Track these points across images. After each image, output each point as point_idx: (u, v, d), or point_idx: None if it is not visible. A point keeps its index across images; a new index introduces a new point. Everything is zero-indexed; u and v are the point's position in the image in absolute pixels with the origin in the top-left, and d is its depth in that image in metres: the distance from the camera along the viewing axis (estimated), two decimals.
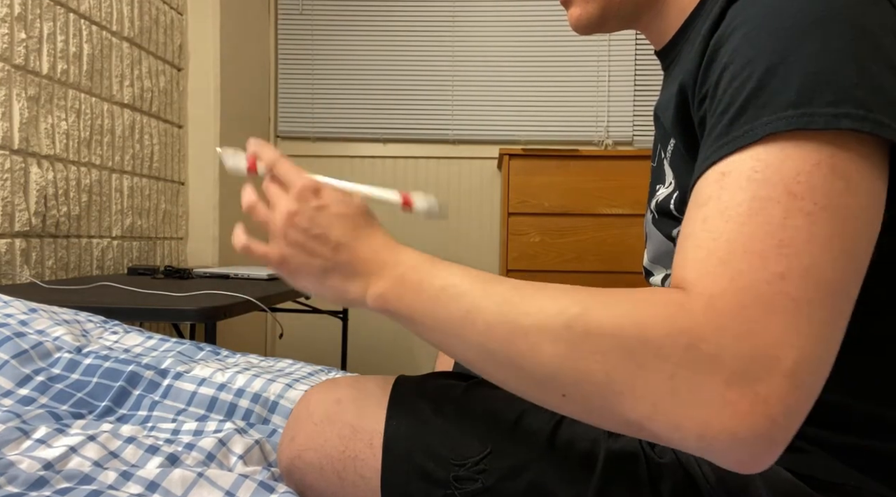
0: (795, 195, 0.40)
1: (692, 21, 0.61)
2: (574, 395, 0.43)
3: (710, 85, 0.47)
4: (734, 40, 0.46)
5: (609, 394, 0.41)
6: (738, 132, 0.43)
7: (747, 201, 0.41)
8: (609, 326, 0.41)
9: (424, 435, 0.60)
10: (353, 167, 2.95)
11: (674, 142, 0.59)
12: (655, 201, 0.65)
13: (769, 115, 0.42)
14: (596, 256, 2.38)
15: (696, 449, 0.40)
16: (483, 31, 2.88)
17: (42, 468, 0.64)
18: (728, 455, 0.39)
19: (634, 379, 0.40)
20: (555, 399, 0.44)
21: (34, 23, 1.59)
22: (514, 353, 0.44)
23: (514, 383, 0.47)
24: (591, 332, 0.41)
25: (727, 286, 0.39)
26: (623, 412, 0.41)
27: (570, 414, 0.45)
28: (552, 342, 0.43)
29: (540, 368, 0.43)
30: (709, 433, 0.38)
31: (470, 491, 0.57)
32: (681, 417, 0.39)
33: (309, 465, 0.63)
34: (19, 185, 1.54)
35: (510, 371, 0.46)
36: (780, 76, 0.42)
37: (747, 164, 0.42)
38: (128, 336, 1.06)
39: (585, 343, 0.41)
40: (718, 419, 0.38)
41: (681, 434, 0.39)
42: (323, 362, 1.43)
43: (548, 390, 0.44)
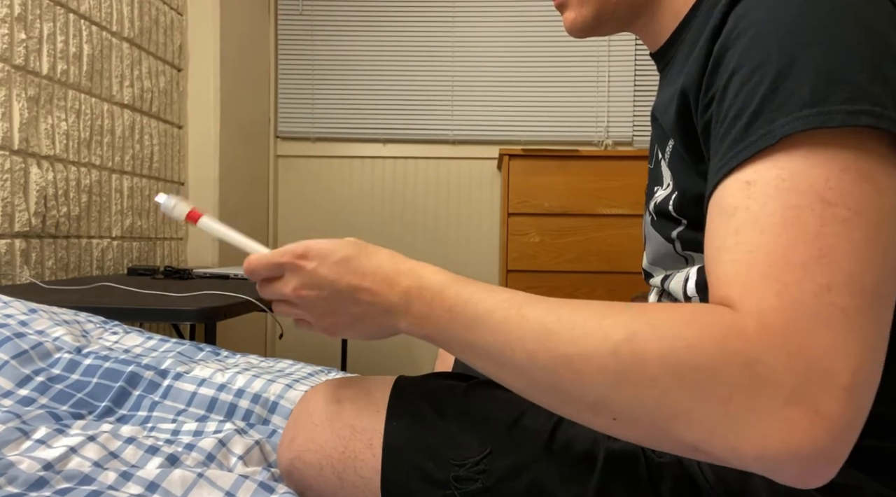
0: (829, 202, 0.39)
1: (687, 23, 0.61)
2: (625, 419, 0.42)
3: (717, 89, 0.47)
4: (741, 45, 0.46)
5: (662, 419, 0.40)
6: (754, 137, 0.43)
7: (780, 211, 0.40)
8: (658, 352, 0.40)
9: (424, 435, 0.60)
10: (352, 167, 2.95)
11: (672, 143, 0.59)
12: (654, 203, 0.65)
13: (785, 117, 0.41)
14: (596, 256, 2.38)
15: (754, 467, 0.39)
16: (483, 31, 2.88)
17: (42, 468, 0.64)
18: (788, 472, 0.39)
19: (688, 404, 0.39)
20: (605, 422, 0.43)
21: (34, 23, 1.59)
22: (559, 382, 0.44)
23: (561, 408, 0.46)
24: (639, 359, 0.40)
25: (775, 303, 0.39)
26: (677, 436, 0.40)
27: (622, 437, 0.44)
28: (599, 372, 0.42)
29: (588, 396, 0.43)
30: (768, 453, 0.38)
31: (470, 491, 0.57)
32: (738, 439, 0.39)
33: (309, 466, 0.63)
34: (19, 185, 1.54)
35: (556, 397, 0.45)
36: (793, 78, 0.42)
37: (772, 173, 0.41)
38: (128, 336, 1.06)
39: (634, 370, 0.41)
40: (778, 438, 0.38)
41: (738, 455, 0.39)
42: (323, 362, 1.42)
43: (598, 415, 0.43)
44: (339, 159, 2.95)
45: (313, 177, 2.96)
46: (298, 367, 1.06)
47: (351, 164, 2.95)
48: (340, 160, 2.95)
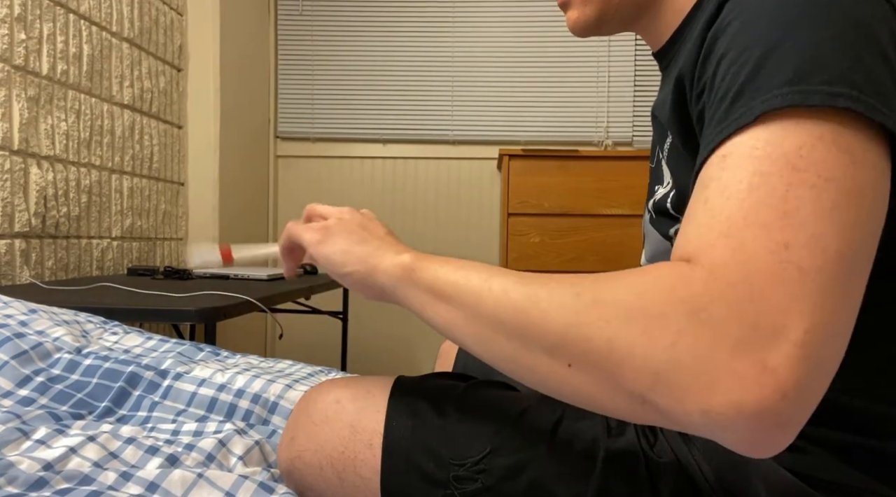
0: (798, 168, 0.39)
1: (689, 22, 0.61)
2: (579, 364, 0.42)
3: (708, 76, 0.48)
4: (731, 31, 0.46)
5: (611, 362, 0.40)
6: (735, 115, 0.43)
7: (747, 178, 0.40)
8: (613, 295, 0.42)
9: (424, 435, 0.60)
10: (352, 167, 2.95)
11: (670, 139, 0.59)
12: (653, 201, 0.65)
13: (764, 94, 0.42)
14: (596, 257, 2.38)
15: (701, 425, 0.38)
16: (483, 32, 2.88)
17: (42, 469, 0.64)
18: (735, 432, 0.37)
19: (634, 346, 0.39)
20: (561, 369, 0.44)
21: (34, 23, 1.59)
22: (525, 322, 0.45)
23: (521, 355, 0.46)
24: (597, 301, 0.42)
25: (729, 257, 0.39)
26: (626, 382, 0.40)
27: (576, 392, 0.44)
28: (560, 309, 0.43)
29: (548, 335, 0.44)
30: (714, 406, 0.37)
31: (469, 491, 0.57)
32: (684, 389, 0.38)
33: (308, 466, 0.63)
34: (19, 185, 1.54)
35: (519, 341, 0.46)
36: (776, 60, 0.42)
37: (747, 144, 0.42)
38: (128, 337, 1.06)
39: (591, 310, 0.42)
40: (724, 390, 0.36)
41: (684, 407, 0.38)
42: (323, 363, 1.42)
43: (555, 359, 0.44)
44: (339, 159, 2.95)
45: (313, 177, 2.96)
46: (298, 368, 1.06)
47: (351, 164, 2.95)
48: (340, 160, 2.95)
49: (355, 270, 0.60)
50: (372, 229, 0.64)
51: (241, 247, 0.73)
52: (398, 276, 0.57)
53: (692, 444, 0.57)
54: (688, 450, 0.57)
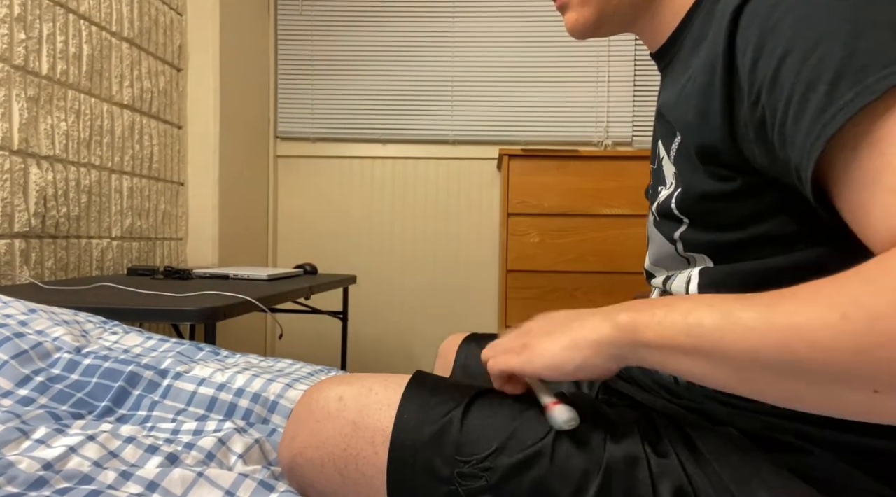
0: None
1: (688, 22, 0.61)
2: (888, 388, 0.38)
3: (765, 80, 0.46)
4: (784, 30, 0.45)
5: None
6: (848, 96, 0.41)
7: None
8: (886, 306, 0.37)
9: (432, 431, 0.60)
10: (352, 168, 2.95)
11: (679, 139, 0.58)
12: (657, 203, 0.65)
13: (879, 71, 0.40)
14: (596, 256, 2.38)
15: None
16: (483, 32, 2.88)
17: (42, 468, 0.64)
18: None
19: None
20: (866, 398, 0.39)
21: (34, 23, 1.59)
22: (793, 357, 0.40)
23: (804, 391, 0.41)
24: (873, 317, 0.37)
25: None
26: None
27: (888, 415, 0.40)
28: (836, 338, 0.38)
29: (831, 368, 0.39)
30: None
31: (474, 488, 0.57)
32: None
33: (310, 463, 0.63)
34: (19, 185, 1.54)
35: (793, 377, 0.41)
36: (867, 38, 0.41)
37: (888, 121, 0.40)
38: (127, 336, 1.06)
39: (872, 332, 0.37)
40: None
41: None
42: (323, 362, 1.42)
43: (854, 389, 0.39)
44: (339, 159, 2.95)
45: (313, 177, 2.96)
46: (298, 367, 1.06)
47: (351, 164, 2.95)
48: (340, 160, 2.95)
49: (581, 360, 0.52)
50: (563, 318, 0.57)
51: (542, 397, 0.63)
52: (622, 342, 0.50)
53: (694, 446, 0.57)
54: (690, 451, 0.57)
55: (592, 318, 0.53)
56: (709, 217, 0.57)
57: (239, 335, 2.60)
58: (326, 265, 2.94)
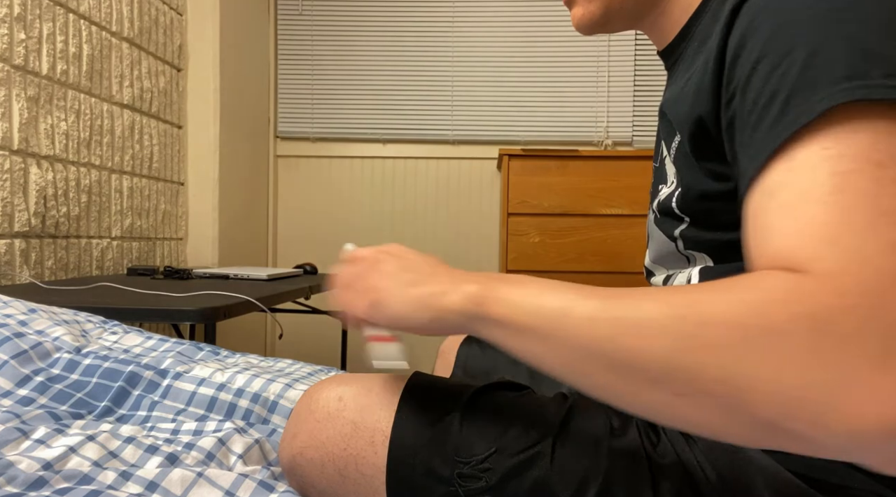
0: (880, 164, 0.38)
1: (696, 19, 0.61)
2: (691, 394, 0.38)
3: (740, 82, 0.47)
4: (762, 34, 0.45)
5: (732, 390, 0.37)
6: (792, 115, 0.41)
7: (828, 179, 0.38)
8: (722, 314, 0.37)
9: (431, 432, 0.60)
10: (352, 168, 2.95)
11: (678, 139, 0.58)
12: (658, 201, 0.65)
13: (822, 92, 0.40)
14: (596, 256, 2.38)
15: (845, 448, 0.35)
16: (483, 32, 2.88)
17: (41, 468, 0.63)
18: (883, 452, 0.34)
19: (759, 372, 0.35)
20: (668, 399, 0.40)
21: (34, 23, 1.59)
22: (620, 351, 0.40)
23: (621, 386, 0.42)
24: (704, 323, 0.37)
25: (844, 265, 0.36)
26: (751, 410, 0.36)
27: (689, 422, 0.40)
28: (661, 335, 0.39)
29: (650, 365, 0.39)
30: (864, 427, 0.34)
31: (473, 489, 0.57)
32: (828, 413, 0.34)
33: (310, 463, 0.63)
34: (19, 185, 1.54)
35: (616, 372, 0.41)
36: (826, 56, 0.41)
37: (814, 144, 0.40)
38: (127, 336, 1.06)
39: (699, 335, 0.37)
40: (873, 409, 0.33)
41: (828, 432, 0.35)
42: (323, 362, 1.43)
43: (662, 390, 0.39)
44: (339, 159, 2.95)
45: (313, 177, 2.96)
46: (298, 367, 1.06)
47: (351, 164, 2.95)
48: (340, 160, 2.95)
49: (427, 321, 0.53)
50: (416, 267, 0.56)
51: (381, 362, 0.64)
52: (468, 313, 0.50)
53: (695, 444, 0.57)
54: (690, 451, 0.57)
55: (442, 281, 0.53)
56: (709, 216, 0.57)
57: (239, 335, 2.60)
58: (326, 265, 2.95)
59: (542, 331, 0.45)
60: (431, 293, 0.53)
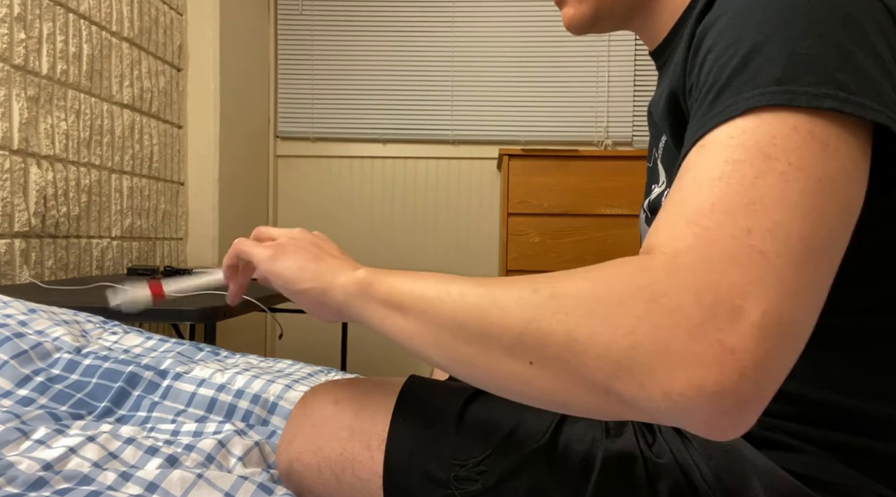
0: (769, 156, 0.39)
1: (684, 20, 0.61)
2: (540, 360, 0.42)
3: (696, 71, 0.48)
4: (719, 25, 0.46)
5: (572, 354, 0.40)
6: (719, 108, 0.43)
7: (720, 165, 0.40)
8: (572, 288, 0.41)
9: (428, 435, 0.60)
10: (352, 167, 2.95)
11: (664, 138, 0.59)
12: (648, 200, 0.65)
13: (750, 91, 0.41)
14: (596, 256, 2.38)
15: (664, 410, 0.38)
16: (483, 32, 2.88)
17: (41, 469, 0.64)
18: (696, 414, 0.37)
19: (595, 335, 0.39)
20: (522, 368, 0.43)
21: (34, 23, 1.59)
22: (483, 322, 0.44)
23: (481, 359, 0.45)
24: (555, 295, 0.42)
25: (692, 243, 0.39)
26: (588, 373, 0.40)
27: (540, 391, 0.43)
28: (518, 306, 0.43)
29: (507, 333, 0.43)
30: (675, 388, 0.37)
31: (470, 491, 0.57)
32: (644, 373, 0.37)
33: (307, 467, 0.63)
34: (19, 185, 1.54)
35: (478, 344, 0.45)
36: (764, 55, 0.42)
37: (724, 134, 0.42)
38: (127, 336, 1.06)
39: (550, 304, 0.41)
40: (683, 372, 0.36)
41: (646, 392, 0.38)
42: (323, 363, 1.43)
43: (515, 358, 0.43)
44: (339, 159, 2.95)
45: (313, 177, 2.96)
46: (298, 368, 1.06)
47: (351, 164, 2.95)
48: (340, 160, 2.95)
49: (310, 288, 0.59)
50: (325, 248, 0.63)
51: (176, 279, 0.71)
52: (354, 292, 0.55)
53: (691, 444, 0.58)
54: (686, 450, 0.57)
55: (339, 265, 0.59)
56: None
57: (239, 335, 2.60)
58: None
59: (417, 309, 0.49)
60: (325, 270, 0.59)
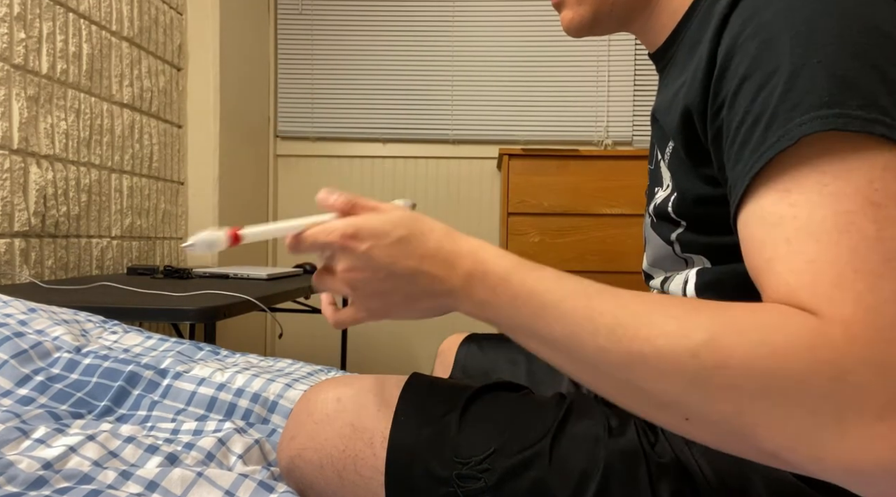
0: (878, 204, 0.39)
1: (685, 23, 0.61)
2: (699, 421, 0.41)
3: (727, 94, 0.47)
4: (750, 49, 0.45)
5: (743, 425, 0.39)
6: (773, 138, 0.42)
7: (831, 217, 0.39)
8: (742, 357, 0.39)
9: (430, 433, 0.60)
10: (352, 167, 2.95)
11: (672, 145, 0.59)
12: (654, 205, 0.65)
13: (802, 116, 0.41)
14: (596, 256, 2.38)
15: (839, 480, 0.38)
16: (483, 31, 2.88)
17: (41, 468, 0.64)
18: (875, 486, 0.38)
19: (773, 413, 0.38)
20: (676, 422, 0.42)
21: (34, 22, 1.59)
22: (632, 378, 0.42)
23: (629, 404, 0.45)
24: (721, 364, 0.39)
25: (854, 311, 0.38)
26: (757, 443, 0.39)
27: (691, 435, 0.43)
28: (677, 372, 0.40)
29: (663, 396, 0.41)
30: (857, 467, 0.37)
31: (472, 489, 0.57)
32: (825, 451, 0.37)
33: (309, 464, 0.63)
34: (19, 184, 1.54)
35: (627, 393, 0.44)
36: (806, 78, 0.42)
37: (811, 177, 0.41)
38: (127, 336, 1.06)
39: (716, 375, 0.39)
40: (870, 453, 0.37)
41: (823, 466, 0.38)
42: (323, 362, 1.43)
43: (670, 414, 0.42)
44: (339, 159, 2.95)
45: (313, 177, 2.96)
46: (298, 367, 1.06)
47: (351, 163, 2.95)
48: (340, 160, 2.95)
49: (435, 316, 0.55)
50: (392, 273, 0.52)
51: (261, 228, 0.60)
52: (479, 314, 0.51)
53: (693, 444, 0.57)
54: (688, 450, 0.57)
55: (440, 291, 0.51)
56: (705, 220, 0.57)
57: (239, 335, 2.60)
58: None
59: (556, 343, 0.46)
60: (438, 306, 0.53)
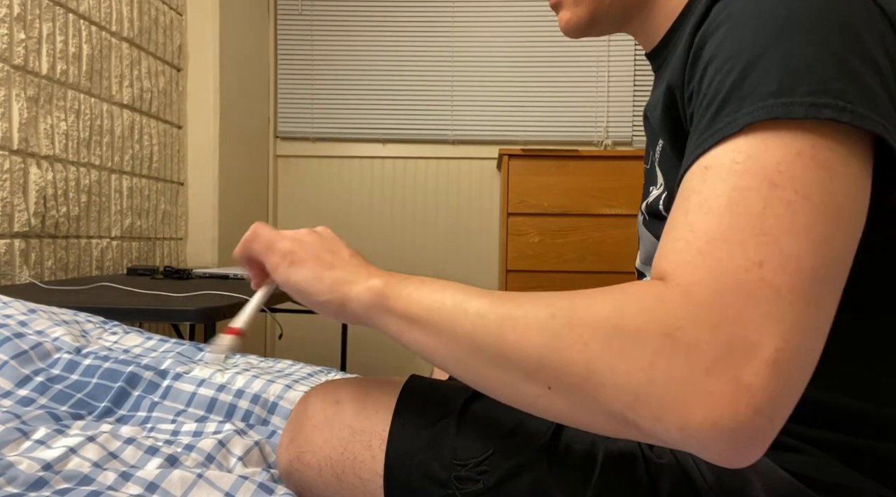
0: (776, 184, 0.40)
1: (680, 23, 0.61)
2: (559, 387, 0.42)
3: (696, 81, 0.48)
4: (718, 36, 0.46)
5: (591, 385, 0.41)
6: (720, 124, 0.43)
7: (727, 192, 0.41)
8: (590, 317, 0.42)
9: (428, 435, 0.60)
10: (352, 168, 2.95)
11: (661, 142, 0.59)
12: (646, 203, 0.65)
13: (749, 106, 0.42)
14: (596, 256, 2.38)
15: (679, 441, 0.39)
16: (483, 32, 2.88)
17: (41, 469, 0.64)
18: (711, 447, 0.38)
19: (614, 368, 0.40)
20: (541, 392, 0.44)
21: (34, 23, 1.59)
22: (502, 345, 0.45)
23: (501, 379, 0.46)
24: (574, 323, 0.42)
25: (705, 275, 0.39)
26: (606, 402, 0.41)
27: (558, 413, 0.44)
28: (539, 333, 0.43)
29: (527, 359, 0.43)
30: (690, 423, 0.38)
31: (471, 491, 0.57)
32: (661, 407, 0.38)
33: (308, 467, 0.63)
34: (18, 185, 1.54)
35: (497, 366, 0.46)
36: (761, 68, 0.42)
37: (728, 156, 0.42)
38: (127, 337, 1.06)
39: (569, 333, 0.42)
40: (699, 408, 0.37)
41: (663, 425, 0.39)
42: (323, 363, 1.43)
43: (534, 382, 0.44)
44: (339, 159, 2.95)
45: (313, 177, 2.96)
46: (298, 368, 1.06)
47: (351, 164, 2.95)
48: (340, 160, 2.95)
49: (328, 300, 0.58)
50: (337, 252, 0.61)
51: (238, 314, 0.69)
52: (370, 303, 0.55)
53: None
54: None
55: (354, 271, 0.57)
56: None
57: None
58: None
59: (436, 325, 0.49)
60: (341, 279, 0.57)
